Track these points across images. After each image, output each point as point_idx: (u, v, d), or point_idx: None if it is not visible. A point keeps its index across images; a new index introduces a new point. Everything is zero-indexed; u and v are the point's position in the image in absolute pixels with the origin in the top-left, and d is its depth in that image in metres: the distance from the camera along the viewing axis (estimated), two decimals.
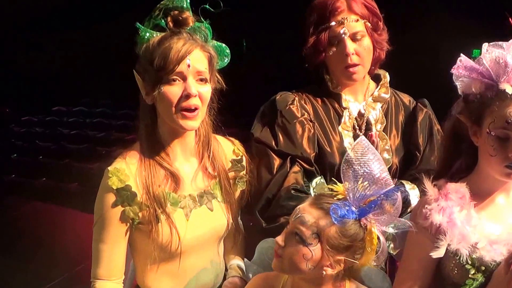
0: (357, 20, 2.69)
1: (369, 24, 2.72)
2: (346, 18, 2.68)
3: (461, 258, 2.10)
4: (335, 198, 2.13)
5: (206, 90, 2.33)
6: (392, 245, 2.68)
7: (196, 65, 2.28)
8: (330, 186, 2.22)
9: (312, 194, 2.62)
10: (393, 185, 2.11)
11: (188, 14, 2.33)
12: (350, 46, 2.67)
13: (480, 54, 2.17)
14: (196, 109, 2.30)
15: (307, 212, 2.10)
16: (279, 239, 2.14)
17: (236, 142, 2.68)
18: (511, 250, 2.07)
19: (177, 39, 2.28)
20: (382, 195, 2.07)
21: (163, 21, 2.33)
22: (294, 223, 2.11)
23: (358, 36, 2.69)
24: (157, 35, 2.31)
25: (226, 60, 2.47)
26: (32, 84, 10.91)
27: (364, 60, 2.72)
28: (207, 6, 2.38)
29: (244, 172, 2.64)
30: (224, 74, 2.49)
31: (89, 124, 11.03)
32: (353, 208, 2.08)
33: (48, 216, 6.99)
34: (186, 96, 2.27)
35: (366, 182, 2.08)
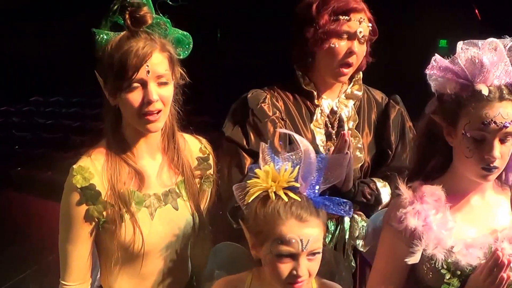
0: (368, 25, 2.71)
1: (370, 34, 2.74)
2: (364, 19, 2.69)
3: (437, 263, 2.08)
4: (297, 199, 2.04)
5: (168, 91, 2.28)
6: (362, 243, 2.68)
7: (156, 69, 2.23)
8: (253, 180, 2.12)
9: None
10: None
11: (146, 10, 2.25)
12: (357, 45, 2.69)
13: (447, 44, 2.13)
14: (159, 112, 2.26)
15: (308, 231, 2.01)
16: (304, 271, 2.01)
17: (203, 140, 2.63)
18: (487, 253, 2.06)
19: (135, 42, 2.21)
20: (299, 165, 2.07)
21: (120, 18, 2.26)
22: (310, 248, 2.01)
23: (363, 40, 2.70)
24: (115, 36, 2.25)
25: (189, 48, 2.40)
26: (10, 74, 10.82)
27: (357, 64, 2.74)
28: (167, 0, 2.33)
29: (211, 171, 2.60)
30: (198, 63, 2.47)
31: (65, 114, 10.96)
32: (313, 194, 2.08)
33: (22, 206, 6.96)
34: (148, 102, 2.22)
35: (304, 167, 2.07)
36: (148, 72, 2.20)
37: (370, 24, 2.71)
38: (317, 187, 2.09)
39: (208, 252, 2.49)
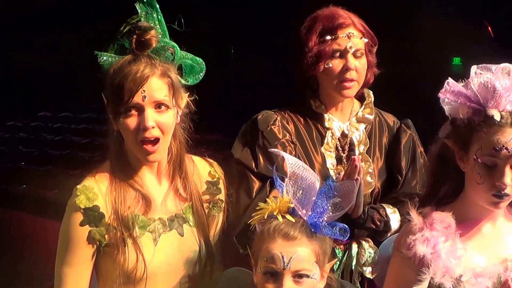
0: (361, 37, 2.70)
1: (367, 45, 2.73)
2: (353, 33, 2.68)
3: None
4: (292, 221, 2.08)
5: (167, 118, 2.26)
6: (370, 269, 2.64)
7: (154, 94, 2.21)
8: (258, 213, 2.16)
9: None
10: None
11: (152, 34, 2.26)
12: (352, 61, 2.66)
13: (460, 62, 2.12)
14: (157, 140, 2.24)
15: (293, 249, 2.03)
16: None
17: (215, 164, 2.59)
18: (496, 283, 2.03)
19: (135, 66, 2.21)
20: (319, 193, 2.10)
21: (127, 41, 2.27)
22: (293, 267, 2.02)
23: (359, 54, 2.68)
24: (118, 60, 2.25)
25: (200, 76, 2.40)
26: (19, 88, 10.85)
27: (360, 78, 2.71)
28: (175, 26, 2.34)
29: (221, 195, 2.55)
30: (211, 79, 2.45)
31: (73, 130, 10.96)
32: (320, 220, 2.08)
33: (27, 226, 6.92)
34: (143, 128, 2.20)
35: (305, 190, 2.10)
36: (145, 97, 2.19)
37: (363, 36, 2.70)
38: (325, 214, 2.09)
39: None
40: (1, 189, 8.41)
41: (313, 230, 2.06)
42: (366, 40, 2.71)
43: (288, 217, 2.07)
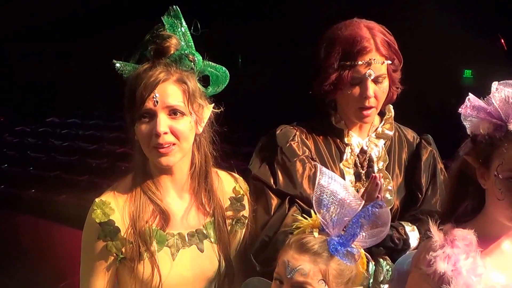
0: (383, 62, 2.58)
1: (391, 65, 2.62)
2: (374, 59, 2.55)
3: None
4: (314, 234, 2.12)
5: (182, 125, 2.25)
6: (386, 287, 2.62)
7: (167, 100, 2.21)
8: (297, 224, 2.21)
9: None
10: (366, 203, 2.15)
11: (172, 42, 2.25)
12: (371, 88, 2.56)
13: (471, 74, 2.10)
14: (171, 144, 2.23)
15: (301, 262, 2.06)
16: None
17: (240, 179, 2.59)
18: None
19: (150, 72, 2.21)
20: (359, 215, 2.09)
21: (148, 51, 2.27)
22: (294, 278, 2.05)
23: (380, 79, 2.58)
24: (137, 68, 2.25)
25: (221, 86, 2.40)
26: (28, 93, 10.89)
27: (379, 103, 2.63)
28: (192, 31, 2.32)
29: (245, 212, 2.54)
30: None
31: (81, 136, 10.99)
32: (338, 239, 2.09)
33: (34, 230, 6.93)
34: (156, 134, 2.20)
35: (336, 207, 2.09)
36: (157, 102, 2.19)
37: (385, 60, 2.58)
38: (356, 238, 2.09)
39: None
40: (11, 193, 8.44)
41: (330, 249, 2.05)
42: (389, 62, 2.60)
43: (315, 232, 2.10)
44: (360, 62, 2.54)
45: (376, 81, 2.57)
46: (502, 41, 7.13)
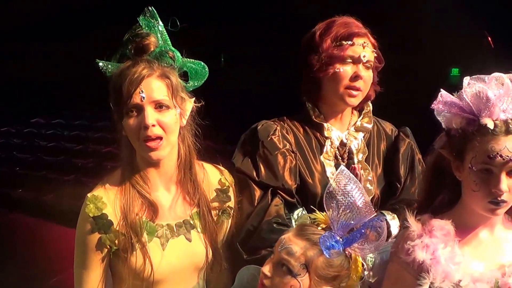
0: (373, 50, 2.74)
1: (376, 60, 2.77)
2: (368, 44, 2.72)
3: None
4: (319, 228, 2.18)
5: (168, 118, 2.33)
6: (370, 273, 2.69)
7: (152, 94, 2.29)
8: (312, 215, 2.25)
9: (294, 226, 2.60)
10: (376, 214, 2.17)
11: (151, 40, 2.34)
12: (363, 70, 2.70)
13: (459, 73, 2.16)
14: (159, 138, 2.31)
15: (294, 243, 2.13)
16: (266, 269, 2.16)
17: (225, 172, 2.67)
18: (493, 287, 2.08)
19: (133, 69, 2.29)
20: (366, 224, 2.11)
21: (127, 50, 2.35)
22: (281, 254, 2.13)
23: (368, 65, 2.72)
24: (118, 66, 2.34)
25: (201, 81, 2.48)
26: (12, 94, 10.83)
27: (365, 89, 2.75)
28: (169, 27, 2.40)
29: (231, 203, 2.62)
30: (201, 88, 2.51)
31: (66, 136, 10.97)
32: (338, 238, 2.12)
33: (23, 228, 6.94)
34: (144, 127, 2.27)
35: (348, 211, 2.11)
36: (143, 97, 2.27)
37: (375, 50, 2.75)
38: (355, 243, 2.14)
39: (224, 286, 2.55)
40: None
41: (321, 245, 2.09)
42: (376, 54, 2.75)
43: (322, 226, 2.18)
44: (356, 43, 2.70)
45: (365, 66, 2.71)
46: (489, 39, 7.18)
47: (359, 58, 2.69)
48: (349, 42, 2.70)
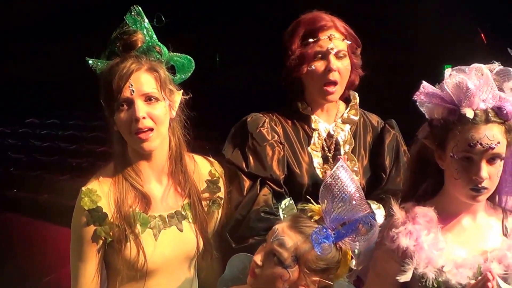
0: (343, 39, 2.77)
1: (350, 47, 2.79)
2: (334, 35, 2.75)
3: (427, 282, 2.13)
4: (312, 220, 2.21)
5: (158, 110, 2.39)
6: (354, 262, 2.75)
7: (142, 88, 2.35)
8: (306, 206, 2.28)
9: (281, 215, 2.67)
10: (369, 210, 2.22)
11: (139, 36, 2.41)
12: (334, 62, 2.73)
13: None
14: (150, 130, 2.36)
15: (287, 235, 2.17)
16: (257, 258, 2.21)
17: (215, 163, 2.73)
18: (476, 273, 2.12)
19: (122, 64, 2.35)
20: (359, 219, 2.16)
21: (116, 47, 2.40)
22: (273, 244, 2.18)
23: (341, 54, 2.76)
24: (108, 63, 2.39)
25: (188, 74, 2.53)
26: (6, 95, 10.81)
27: (343, 80, 2.79)
28: (154, 23, 2.47)
29: (221, 193, 2.68)
30: (196, 87, 2.56)
31: (61, 136, 10.97)
32: (330, 232, 2.16)
33: (18, 228, 6.95)
34: (135, 119, 2.33)
35: (343, 205, 2.16)
36: (133, 91, 2.33)
37: (345, 38, 2.78)
38: (345, 238, 2.19)
39: (215, 274, 2.59)
40: None
41: (313, 242, 2.14)
42: (348, 42, 2.78)
43: (315, 218, 2.21)
44: (322, 37, 2.73)
45: (338, 56, 2.74)
46: (482, 35, 7.20)
47: (327, 51, 2.73)
48: (315, 39, 2.75)
